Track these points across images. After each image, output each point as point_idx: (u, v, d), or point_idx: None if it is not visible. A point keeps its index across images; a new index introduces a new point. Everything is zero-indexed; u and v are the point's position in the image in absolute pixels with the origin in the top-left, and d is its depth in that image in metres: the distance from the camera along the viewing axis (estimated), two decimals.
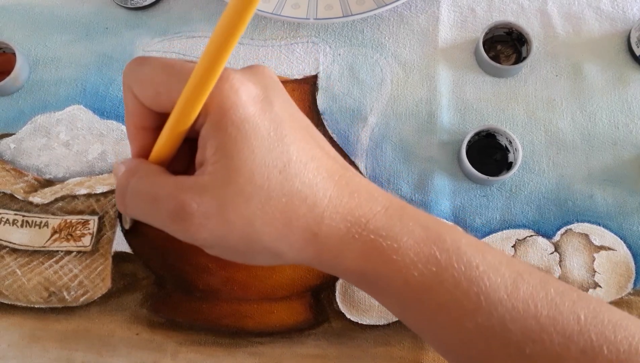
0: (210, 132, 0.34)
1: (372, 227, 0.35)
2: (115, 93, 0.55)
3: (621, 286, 0.49)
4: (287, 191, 0.34)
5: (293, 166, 0.34)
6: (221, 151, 0.33)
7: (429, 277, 0.34)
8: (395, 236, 0.35)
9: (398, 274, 0.35)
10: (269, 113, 0.34)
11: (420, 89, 0.54)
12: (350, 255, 0.35)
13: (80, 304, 0.48)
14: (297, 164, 0.34)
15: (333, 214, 0.35)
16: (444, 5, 0.57)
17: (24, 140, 0.53)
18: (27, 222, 0.51)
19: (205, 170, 0.34)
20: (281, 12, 0.53)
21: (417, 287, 0.35)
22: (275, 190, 0.33)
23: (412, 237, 0.35)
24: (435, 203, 0.50)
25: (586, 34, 0.55)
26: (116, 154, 0.52)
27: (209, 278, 0.49)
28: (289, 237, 0.34)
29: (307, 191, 0.34)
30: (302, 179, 0.34)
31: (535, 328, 0.33)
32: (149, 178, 0.35)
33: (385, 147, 0.52)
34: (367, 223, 0.35)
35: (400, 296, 0.36)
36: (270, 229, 0.34)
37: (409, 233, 0.35)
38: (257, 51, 0.55)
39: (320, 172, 0.35)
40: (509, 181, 0.51)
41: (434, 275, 0.34)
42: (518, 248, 0.50)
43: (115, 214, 0.51)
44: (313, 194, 0.34)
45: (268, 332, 0.48)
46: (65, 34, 0.57)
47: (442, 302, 0.34)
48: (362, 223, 0.35)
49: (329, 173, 0.35)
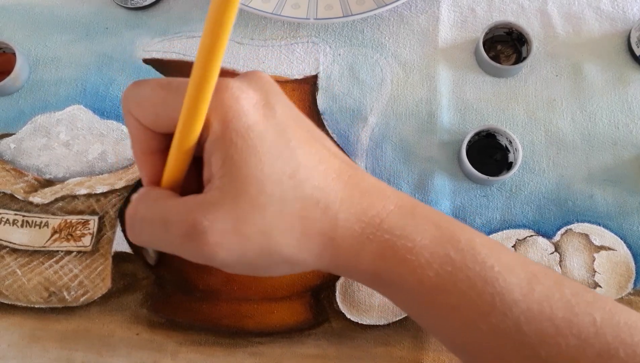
0: (214, 145, 0.33)
1: (386, 227, 0.34)
2: (115, 93, 0.55)
3: (621, 286, 0.49)
4: (299, 196, 0.33)
5: (302, 170, 0.33)
6: (228, 163, 0.32)
7: (444, 277, 0.34)
8: (409, 235, 0.34)
9: (412, 274, 0.34)
10: (272, 119, 0.33)
11: (420, 89, 0.54)
12: (365, 256, 0.35)
13: (81, 304, 0.48)
14: (306, 168, 0.33)
15: (347, 216, 0.34)
16: (444, 5, 0.57)
17: (24, 140, 0.53)
18: (27, 222, 0.51)
19: (213, 185, 0.33)
20: (281, 12, 0.53)
21: (431, 287, 0.34)
22: (288, 197, 0.32)
23: (425, 236, 0.34)
24: (435, 203, 0.50)
25: (586, 34, 0.55)
26: (116, 154, 0.52)
27: (209, 278, 0.49)
28: (307, 244, 0.33)
29: (318, 194, 0.33)
30: (312, 183, 0.33)
31: (550, 331, 0.33)
32: (157, 202, 0.34)
33: (386, 147, 0.52)
34: (381, 222, 0.34)
35: (414, 296, 0.35)
36: (289, 238, 0.33)
37: (423, 232, 0.35)
38: (257, 51, 0.55)
39: (329, 174, 0.34)
40: (509, 181, 0.51)
41: (449, 275, 0.34)
42: (518, 248, 0.50)
43: (116, 215, 0.51)
44: (325, 197, 0.33)
45: (268, 332, 0.48)
46: (65, 34, 0.57)
47: (456, 303, 0.34)
48: (376, 223, 0.34)
49: (338, 173, 0.35)
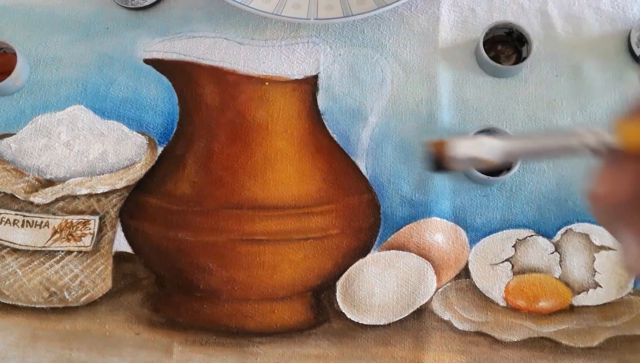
0: None
1: None
2: (115, 93, 0.55)
3: (621, 286, 0.49)
4: None
5: None
6: None
7: None
8: None
9: None
10: None
11: (420, 89, 0.54)
12: None
13: (81, 304, 0.48)
14: None
15: None
16: (445, 6, 0.57)
17: (24, 140, 0.53)
18: (27, 222, 0.51)
19: None
20: (282, 12, 0.53)
21: None
22: None
23: None
24: (435, 203, 0.50)
25: (586, 34, 0.55)
26: (117, 154, 0.52)
27: (209, 278, 0.49)
28: None
29: None
30: None
31: None
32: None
33: (386, 147, 0.52)
34: None
35: None
36: None
37: None
38: (257, 51, 0.55)
39: None
40: (510, 181, 0.51)
41: None
42: (518, 248, 0.50)
43: (116, 215, 0.51)
44: None
45: (269, 332, 0.48)
46: (66, 34, 0.57)
47: None
48: None
49: None
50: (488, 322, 0.48)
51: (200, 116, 0.53)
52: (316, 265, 0.50)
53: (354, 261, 0.50)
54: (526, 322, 0.48)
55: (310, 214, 0.50)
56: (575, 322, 0.48)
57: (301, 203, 0.50)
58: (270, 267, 0.49)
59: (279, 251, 0.49)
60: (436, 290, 0.49)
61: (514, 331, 0.48)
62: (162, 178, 0.52)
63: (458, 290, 0.49)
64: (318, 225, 0.50)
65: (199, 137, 0.52)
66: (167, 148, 0.53)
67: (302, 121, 0.53)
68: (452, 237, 0.50)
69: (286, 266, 0.49)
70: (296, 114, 0.53)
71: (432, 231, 0.50)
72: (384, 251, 0.50)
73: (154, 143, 0.53)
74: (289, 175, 0.51)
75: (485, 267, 0.49)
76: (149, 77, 0.55)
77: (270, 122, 0.52)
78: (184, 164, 0.52)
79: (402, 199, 0.51)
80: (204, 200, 0.50)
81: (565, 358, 0.47)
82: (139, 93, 0.54)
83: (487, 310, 0.49)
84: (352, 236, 0.50)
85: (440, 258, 0.50)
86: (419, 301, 0.49)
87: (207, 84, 0.54)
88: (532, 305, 0.49)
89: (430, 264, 0.49)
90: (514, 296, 0.49)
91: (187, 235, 0.49)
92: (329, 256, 0.50)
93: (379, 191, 0.51)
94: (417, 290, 0.49)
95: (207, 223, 0.50)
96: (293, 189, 0.51)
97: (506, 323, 0.48)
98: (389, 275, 0.49)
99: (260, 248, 0.49)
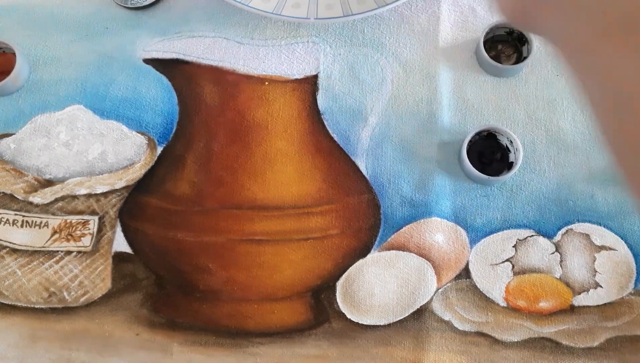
0: None
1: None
2: (115, 93, 0.54)
3: (622, 286, 0.49)
4: None
5: None
6: None
7: None
8: None
9: None
10: None
11: (420, 89, 0.54)
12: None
13: (81, 304, 0.48)
14: None
15: None
16: (445, 5, 0.56)
17: (24, 140, 0.53)
18: (27, 222, 0.51)
19: None
20: (282, 11, 0.53)
21: None
22: None
23: None
24: (436, 203, 0.50)
25: None
26: (116, 154, 0.52)
27: (209, 278, 0.49)
28: None
29: None
30: None
31: None
32: None
33: (386, 147, 0.52)
34: None
35: None
36: None
37: None
38: (257, 50, 0.55)
39: None
40: (510, 181, 0.51)
41: None
42: (519, 248, 0.49)
43: (115, 215, 0.51)
44: None
45: (268, 333, 0.47)
46: (65, 34, 0.57)
47: None
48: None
49: None
50: (488, 322, 0.48)
51: (199, 115, 0.53)
52: (316, 265, 0.49)
53: (354, 262, 0.50)
54: (526, 322, 0.48)
55: (310, 214, 0.50)
56: (575, 322, 0.48)
57: (301, 203, 0.50)
58: (270, 267, 0.49)
59: (278, 252, 0.49)
60: (436, 291, 0.49)
61: (514, 331, 0.48)
62: (162, 178, 0.52)
63: (458, 290, 0.49)
64: (318, 225, 0.50)
65: (199, 137, 0.52)
66: (167, 148, 0.53)
67: (302, 121, 0.53)
68: (453, 237, 0.50)
69: (286, 266, 0.49)
70: (296, 114, 0.53)
71: (432, 232, 0.50)
72: (384, 251, 0.50)
73: (154, 142, 0.53)
74: (288, 175, 0.51)
75: (485, 267, 0.49)
76: (148, 77, 0.55)
77: (270, 122, 0.52)
78: (184, 164, 0.52)
79: (402, 200, 0.51)
80: (203, 200, 0.50)
81: (565, 359, 0.47)
82: (138, 93, 0.54)
83: (487, 311, 0.49)
84: (352, 236, 0.50)
85: (441, 258, 0.50)
86: (419, 301, 0.49)
87: (206, 83, 0.54)
88: (533, 305, 0.49)
89: (431, 264, 0.49)
90: (515, 296, 0.49)
91: (186, 235, 0.49)
92: (329, 256, 0.50)
93: (379, 191, 0.51)
94: (417, 290, 0.49)
95: (207, 223, 0.50)
96: (293, 190, 0.50)
97: (506, 323, 0.48)
98: (389, 275, 0.49)
99: (260, 248, 0.49)
